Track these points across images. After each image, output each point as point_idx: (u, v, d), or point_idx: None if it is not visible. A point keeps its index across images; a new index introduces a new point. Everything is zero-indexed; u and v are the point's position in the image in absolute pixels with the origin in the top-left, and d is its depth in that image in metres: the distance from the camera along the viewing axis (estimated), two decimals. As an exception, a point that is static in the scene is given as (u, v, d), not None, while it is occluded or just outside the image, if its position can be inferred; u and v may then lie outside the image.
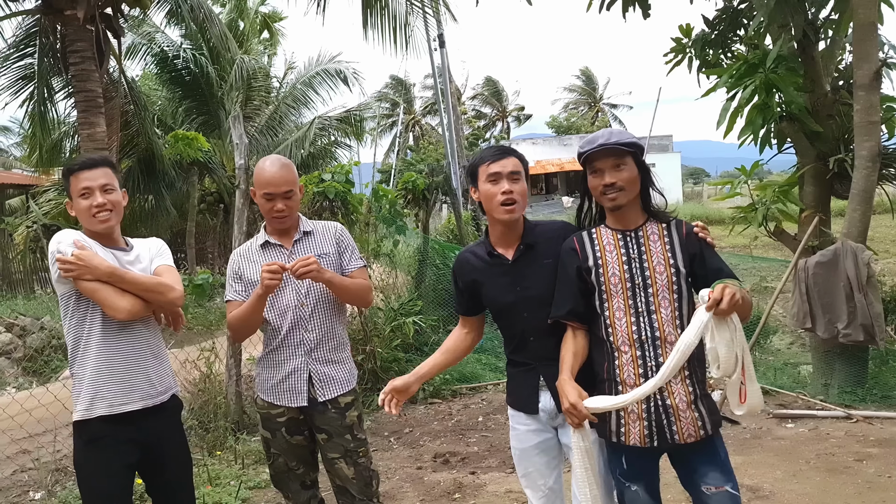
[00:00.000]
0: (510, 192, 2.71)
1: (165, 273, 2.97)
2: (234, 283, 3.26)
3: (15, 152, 36.12)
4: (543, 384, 2.81)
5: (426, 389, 7.14)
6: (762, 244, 13.05)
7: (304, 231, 3.28)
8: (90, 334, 2.80)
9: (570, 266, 2.64)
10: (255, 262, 3.22)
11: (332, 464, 3.24)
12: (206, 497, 4.65)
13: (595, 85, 60.74)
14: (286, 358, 3.20)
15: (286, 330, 3.18)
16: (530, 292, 2.76)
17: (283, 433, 3.24)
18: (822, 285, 5.82)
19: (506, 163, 2.74)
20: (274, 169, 3.16)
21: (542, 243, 2.79)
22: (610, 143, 2.50)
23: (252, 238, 3.41)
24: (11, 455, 5.94)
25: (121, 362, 2.81)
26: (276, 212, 3.16)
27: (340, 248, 3.30)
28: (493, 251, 2.83)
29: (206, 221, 19.90)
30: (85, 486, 2.82)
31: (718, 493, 2.51)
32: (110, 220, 2.86)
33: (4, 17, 10.27)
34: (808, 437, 5.46)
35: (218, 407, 5.95)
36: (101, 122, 9.20)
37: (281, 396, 3.21)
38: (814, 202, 6.37)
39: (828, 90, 6.35)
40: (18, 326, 10.64)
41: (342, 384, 3.25)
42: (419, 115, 55.06)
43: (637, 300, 2.54)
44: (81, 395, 2.80)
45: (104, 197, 2.82)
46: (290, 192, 3.17)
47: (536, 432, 2.85)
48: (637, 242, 2.58)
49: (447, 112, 16.08)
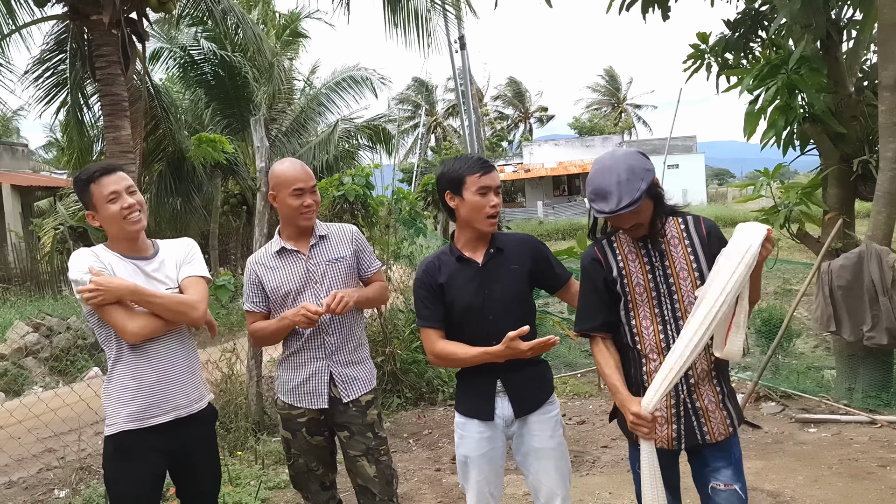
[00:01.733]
0: (497, 205, 2.80)
1: (191, 287, 2.88)
2: (253, 293, 3.25)
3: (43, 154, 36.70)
4: (501, 389, 2.83)
5: (445, 392, 7.15)
6: (786, 246, 12.90)
7: (320, 235, 3.27)
8: (120, 349, 2.77)
9: (597, 277, 2.61)
10: (273, 268, 3.23)
11: (353, 462, 3.24)
12: (226, 497, 4.69)
13: (618, 85, 60.45)
14: (306, 361, 3.21)
15: (307, 334, 3.19)
16: (497, 295, 2.81)
17: (303, 433, 3.25)
18: (846, 288, 5.75)
19: (494, 176, 2.81)
20: (296, 166, 3.19)
21: (511, 248, 2.87)
22: (622, 206, 2.38)
23: (267, 244, 3.39)
24: (37, 454, 6.05)
25: (151, 376, 2.77)
26: (306, 207, 3.16)
27: (358, 251, 3.32)
28: (461, 255, 2.87)
29: (229, 223, 20.12)
30: (113, 492, 2.82)
31: (727, 490, 2.52)
32: (142, 220, 2.82)
33: (33, 22, 10.45)
34: (830, 443, 5.39)
35: (239, 408, 6.00)
36: (126, 125, 9.33)
37: (301, 398, 3.22)
38: (837, 204, 6.29)
39: (852, 91, 6.27)
40: (45, 326, 10.81)
41: (364, 383, 3.27)
42: (441, 117, 55.15)
43: (663, 308, 2.53)
44: (110, 410, 2.78)
45: (132, 198, 2.79)
46: (315, 186, 3.21)
47: (489, 440, 2.86)
48: (658, 248, 2.56)
49: (468, 114, 16.09)
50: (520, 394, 2.85)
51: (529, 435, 2.85)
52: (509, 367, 2.78)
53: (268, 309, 3.25)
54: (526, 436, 2.86)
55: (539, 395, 2.89)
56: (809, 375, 7.01)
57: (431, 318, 2.90)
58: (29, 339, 10.43)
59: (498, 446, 2.88)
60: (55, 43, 11.28)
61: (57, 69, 11.50)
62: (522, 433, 2.87)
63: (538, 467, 2.86)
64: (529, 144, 49.83)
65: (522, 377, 2.85)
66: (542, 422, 2.87)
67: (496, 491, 2.92)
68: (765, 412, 6.22)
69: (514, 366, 2.77)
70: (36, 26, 10.43)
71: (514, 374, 2.82)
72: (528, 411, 2.86)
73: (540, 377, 2.92)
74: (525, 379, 2.85)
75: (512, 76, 77.15)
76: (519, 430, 2.87)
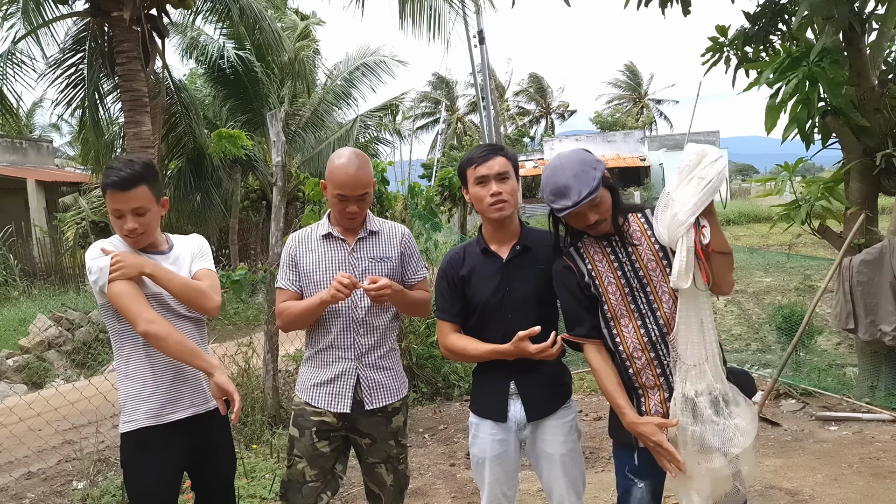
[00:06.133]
0: (498, 193, 2.71)
1: (206, 278, 2.88)
2: (289, 270, 3.07)
3: (68, 151, 37.15)
4: (514, 391, 2.78)
5: (461, 387, 7.14)
6: (810, 242, 12.74)
7: (371, 230, 3.09)
8: (136, 345, 2.75)
9: (570, 283, 2.59)
10: (314, 251, 3.05)
11: (371, 468, 3.13)
12: (241, 490, 4.71)
13: (639, 80, 60.02)
14: (334, 360, 3.03)
15: (337, 330, 3.01)
16: (518, 293, 2.74)
17: (311, 433, 3.03)
18: (867, 285, 5.65)
19: (492, 164, 2.73)
20: (351, 170, 2.92)
21: (538, 248, 2.78)
22: (584, 197, 2.40)
23: (314, 224, 3.20)
24: (57, 445, 6.13)
25: (168, 373, 2.76)
26: (348, 213, 2.98)
27: (405, 256, 3.13)
28: (487, 248, 2.82)
29: (248, 218, 20.23)
30: (131, 487, 2.81)
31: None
32: (140, 243, 2.79)
33: (55, 19, 10.58)
34: (851, 441, 5.31)
35: (255, 401, 6.02)
36: (146, 121, 9.43)
37: (320, 399, 3.03)
38: (860, 199, 6.18)
39: (875, 84, 6.15)
40: (67, 320, 10.95)
41: (393, 392, 3.09)
42: (462, 112, 55.10)
43: (639, 303, 2.50)
44: (127, 406, 2.77)
45: (135, 221, 2.72)
46: (366, 194, 2.97)
47: (501, 442, 2.81)
48: (623, 245, 2.55)
49: (487, 108, 16.04)
50: (533, 398, 2.79)
51: (542, 440, 2.80)
52: (524, 370, 2.73)
53: (300, 290, 3.05)
54: (538, 440, 2.81)
55: (554, 400, 2.82)
56: (831, 373, 6.91)
57: (448, 310, 2.88)
58: (51, 333, 10.57)
59: (511, 448, 2.83)
60: (74, 42, 11.40)
61: (77, 68, 11.60)
62: (535, 437, 2.82)
63: (549, 472, 2.81)
64: (550, 140, 49.58)
65: (536, 380, 2.78)
66: (556, 427, 2.80)
67: (510, 491, 2.87)
68: (785, 410, 6.14)
69: (528, 368, 2.73)
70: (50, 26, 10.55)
71: (528, 377, 2.76)
72: (542, 416, 2.79)
73: (556, 381, 2.84)
74: (539, 383, 2.78)
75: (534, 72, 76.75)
76: (532, 433, 2.82)
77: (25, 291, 15.90)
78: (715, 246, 2.36)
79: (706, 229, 2.34)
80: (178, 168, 15.59)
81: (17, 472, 5.84)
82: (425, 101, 53.88)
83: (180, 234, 3.07)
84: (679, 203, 2.34)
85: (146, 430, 2.74)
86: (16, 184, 20.26)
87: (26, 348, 10.26)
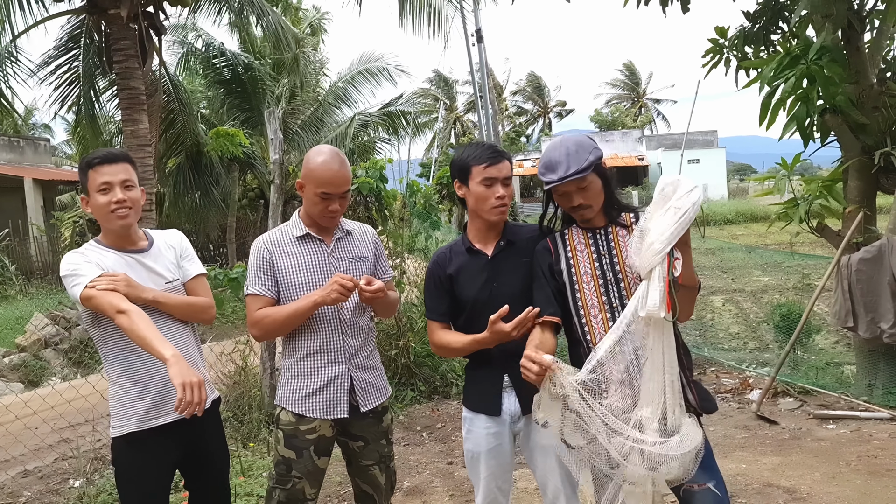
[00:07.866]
0: (503, 197, 2.74)
1: (200, 290, 2.92)
2: (263, 275, 2.93)
3: (66, 149, 37.11)
4: (508, 384, 2.80)
5: (459, 385, 7.13)
6: (809, 241, 12.75)
7: (346, 230, 3.07)
8: (121, 350, 2.71)
9: (544, 264, 2.66)
10: (291, 253, 2.95)
11: (364, 470, 3.09)
12: (237, 488, 4.70)
13: (638, 79, 60.10)
14: (323, 365, 2.94)
15: (325, 334, 2.94)
16: (506, 288, 2.75)
17: (310, 453, 2.93)
18: (866, 283, 5.65)
19: (501, 167, 2.74)
20: (334, 167, 2.86)
21: (522, 242, 2.81)
22: (570, 173, 2.48)
23: (282, 226, 3.08)
24: (53, 444, 6.11)
25: (156, 377, 2.71)
26: (330, 212, 2.91)
27: (377, 255, 3.13)
28: (471, 246, 2.84)
29: (247, 217, 20.22)
30: (123, 487, 2.80)
31: (700, 490, 2.42)
32: (129, 218, 2.73)
33: (54, 15, 10.56)
34: (849, 439, 5.31)
35: (252, 399, 6.02)
36: (143, 118, 9.41)
37: (315, 408, 2.93)
38: (858, 197, 6.17)
39: (874, 82, 6.14)
40: (64, 318, 10.91)
41: (382, 391, 3.09)
42: (461, 111, 55.08)
43: (610, 296, 2.53)
44: (115, 411, 2.75)
45: (124, 193, 2.69)
46: (348, 191, 2.92)
47: (496, 435, 2.82)
48: (607, 239, 2.60)
49: (485, 107, 16.02)
50: (527, 390, 2.73)
51: (536, 432, 2.77)
52: (517, 362, 2.70)
53: (276, 295, 2.93)
54: (533, 433, 2.79)
55: None
56: (829, 371, 6.91)
57: (436, 310, 2.90)
58: (48, 331, 10.54)
59: (505, 442, 2.83)
60: (68, 39, 11.37)
61: (71, 66, 11.58)
62: (529, 430, 2.81)
63: (544, 465, 2.80)
64: (548, 139, 49.62)
65: None
66: None
67: (504, 485, 2.88)
68: (782, 408, 6.14)
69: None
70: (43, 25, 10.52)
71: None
72: None
73: None
74: None
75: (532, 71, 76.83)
76: (526, 426, 2.81)
77: (22, 290, 15.87)
78: (684, 279, 2.35)
79: (678, 262, 2.33)
80: (176, 165, 15.57)
81: (14, 470, 5.83)
82: (423, 98, 53.81)
83: (153, 230, 3.05)
84: (655, 232, 2.33)
85: (135, 435, 2.73)
86: (13, 182, 20.24)
87: (23, 347, 10.23)
